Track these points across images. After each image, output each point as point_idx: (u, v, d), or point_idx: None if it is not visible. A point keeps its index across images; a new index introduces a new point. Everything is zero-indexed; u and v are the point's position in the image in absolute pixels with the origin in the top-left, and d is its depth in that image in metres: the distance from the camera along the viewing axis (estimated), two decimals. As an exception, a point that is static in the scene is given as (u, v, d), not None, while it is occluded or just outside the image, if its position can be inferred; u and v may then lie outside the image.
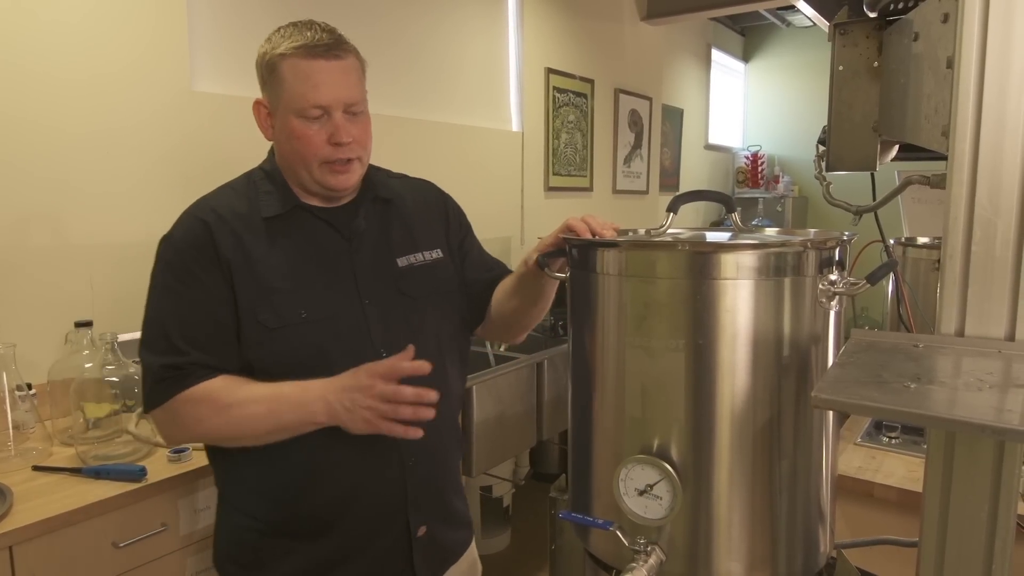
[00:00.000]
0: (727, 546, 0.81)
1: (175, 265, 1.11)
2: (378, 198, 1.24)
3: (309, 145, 1.10)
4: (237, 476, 1.17)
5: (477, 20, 3.25)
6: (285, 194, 1.16)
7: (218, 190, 1.19)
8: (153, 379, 1.08)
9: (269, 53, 1.11)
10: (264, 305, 1.09)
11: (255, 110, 1.17)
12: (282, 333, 1.08)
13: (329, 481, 1.12)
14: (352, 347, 1.11)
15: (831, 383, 0.66)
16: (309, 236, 1.16)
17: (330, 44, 1.10)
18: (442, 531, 1.25)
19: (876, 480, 1.54)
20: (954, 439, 0.69)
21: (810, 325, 0.81)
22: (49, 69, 1.79)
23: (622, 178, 4.42)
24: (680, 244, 0.85)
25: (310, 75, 1.09)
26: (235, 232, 1.11)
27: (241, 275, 1.09)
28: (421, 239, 1.26)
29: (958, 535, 0.71)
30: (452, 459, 1.30)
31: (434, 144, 2.98)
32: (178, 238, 1.12)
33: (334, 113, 1.10)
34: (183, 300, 1.09)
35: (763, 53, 6.17)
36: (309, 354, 1.09)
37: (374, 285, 1.17)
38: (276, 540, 1.14)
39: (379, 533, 1.16)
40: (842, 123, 1.03)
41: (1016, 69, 0.69)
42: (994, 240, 0.71)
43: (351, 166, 1.14)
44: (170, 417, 1.09)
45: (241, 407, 1.06)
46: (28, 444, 1.58)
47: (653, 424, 0.81)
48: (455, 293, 1.28)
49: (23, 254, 1.77)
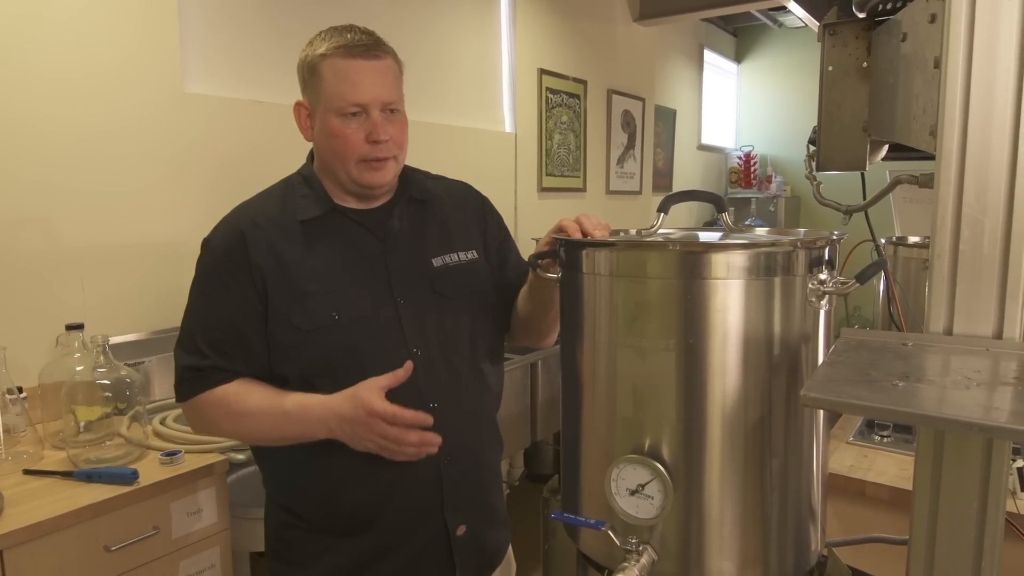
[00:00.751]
0: (718, 545, 0.81)
1: (209, 271, 1.15)
2: (413, 199, 1.26)
3: (347, 143, 1.13)
4: (279, 475, 1.21)
5: (470, 21, 3.25)
6: (321, 197, 1.18)
7: (257, 196, 1.22)
8: (179, 377, 1.15)
9: (310, 55, 1.14)
10: (298, 309, 1.11)
11: (296, 111, 1.19)
12: (315, 336, 1.11)
13: (365, 481, 1.14)
14: (386, 347, 1.13)
15: (820, 382, 0.66)
16: (344, 238, 1.18)
17: (369, 45, 1.13)
18: (484, 531, 1.25)
19: (868, 479, 1.55)
20: (943, 437, 0.70)
21: (800, 324, 0.81)
22: (38, 69, 1.78)
23: (615, 179, 4.43)
24: (670, 244, 0.85)
25: (349, 74, 1.11)
26: (270, 239, 1.14)
27: (274, 280, 1.12)
28: (457, 239, 1.27)
29: (948, 533, 0.72)
30: (492, 458, 1.31)
31: (427, 145, 2.98)
32: (215, 245, 1.16)
33: (372, 111, 1.12)
34: (209, 304, 1.14)
35: (755, 54, 6.19)
36: (342, 356, 1.11)
37: (408, 285, 1.18)
38: (317, 536, 1.17)
39: (415, 531, 1.17)
40: (832, 123, 1.03)
41: (1002, 69, 0.69)
42: (981, 239, 0.72)
43: (387, 164, 1.16)
44: (193, 413, 1.16)
45: (249, 417, 1.11)
46: (19, 448, 1.57)
47: (644, 424, 0.82)
48: (489, 294, 1.28)
49: (13, 256, 1.77)
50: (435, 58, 3.05)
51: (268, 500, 1.25)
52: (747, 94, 6.28)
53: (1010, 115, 0.70)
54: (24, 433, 1.60)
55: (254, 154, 1.21)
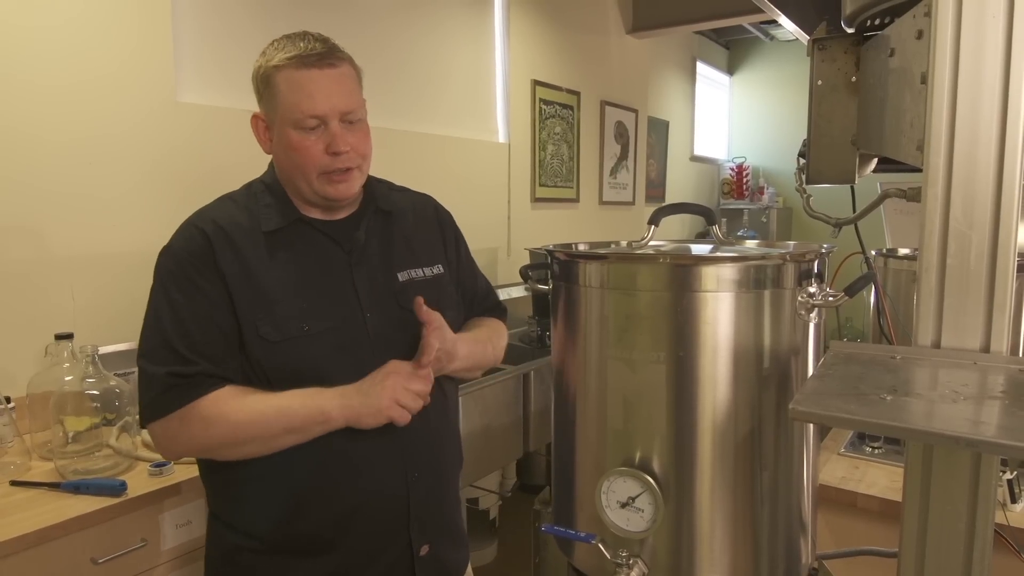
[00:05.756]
0: (709, 558, 0.81)
1: (176, 275, 1.09)
2: (379, 210, 1.24)
3: (307, 156, 1.10)
4: (234, 494, 1.14)
5: (464, 32, 3.26)
6: (285, 207, 1.15)
7: (218, 201, 1.18)
8: (159, 388, 1.05)
9: (264, 66, 1.11)
10: (265, 319, 1.08)
11: (253, 124, 1.16)
12: (284, 347, 1.08)
13: (332, 498, 1.11)
14: (354, 361, 1.11)
15: (809, 395, 0.66)
16: (310, 249, 1.15)
17: (323, 53, 1.09)
18: (445, 550, 1.23)
19: (859, 490, 1.55)
20: (932, 451, 0.70)
21: (790, 337, 0.82)
22: (30, 75, 1.77)
23: (608, 189, 4.44)
24: (661, 257, 0.85)
25: (304, 85, 1.08)
26: (235, 245, 1.10)
27: (240, 289, 1.08)
28: (422, 254, 1.26)
29: (937, 545, 0.72)
30: (453, 475, 1.29)
31: (421, 155, 2.99)
32: (178, 248, 1.11)
33: (330, 122, 1.09)
34: (186, 310, 1.08)
35: (747, 66, 6.23)
36: (310, 367, 1.09)
37: (375, 298, 1.16)
38: (274, 558, 1.12)
39: (381, 551, 1.14)
40: (821, 137, 1.04)
41: (988, 85, 0.70)
42: (968, 253, 0.72)
43: (350, 175, 1.13)
44: (175, 427, 1.06)
45: (250, 410, 1.05)
46: (6, 458, 1.56)
47: (635, 436, 0.82)
48: (454, 310, 1.27)
49: (2, 264, 1.75)
50: (429, 68, 3.06)
51: (213, 522, 1.18)
52: (739, 106, 6.32)
53: (995, 130, 0.71)
54: (11, 444, 1.59)
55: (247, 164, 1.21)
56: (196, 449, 1.11)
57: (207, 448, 1.10)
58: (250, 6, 2.30)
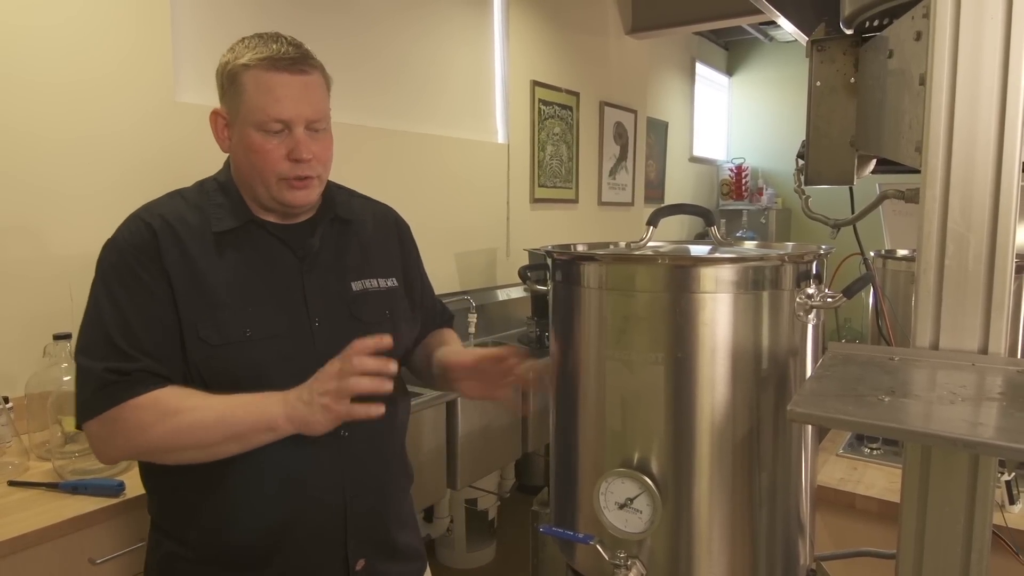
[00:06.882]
0: (707, 559, 0.81)
1: (119, 267, 1.05)
2: (337, 218, 1.21)
3: (267, 160, 1.07)
4: (172, 501, 1.11)
5: (463, 32, 3.27)
6: (238, 208, 1.12)
7: (167, 197, 1.14)
8: (96, 384, 1.01)
9: (231, 63, 1.08)
10: (207, 321, 1.04)
11: (212, 120, 1.13)
12: (224, 351, 1.04)
13: (267, 509, 1.07)
14: (297, 369, 1.05)
15: (807, 396, 0.66)
16: (260, 252, 1.12)
17: (295, 58, 1.07)
18: (384, 566, 1.19)
19: (858, 491, 1.55)
20: (930, 452, 0.70)
21: (788, 338, 0.82)
22: (29, 75, 1.77)
23: (607, 190, 4.44)
24: (659, 258, 0.85)
25: (272, 88, 1.05)
26: (181, 242, 1.06)
27: (183, 288, 1.05)
28: (377, 265, 1.23)
29: (935, 547, 0.72)
30: (399, 491, 1.24)
31: (420, 156, 2.99)
32: (122, 240, 1.07)
33: (295, 129, 1.07)
34: (128, 304, 1.03)
35: (747, 67, 6.24)
36: (251, 373, 1.05)
37: (325, 306, 1.13)
38: (205, 569, 1.09)
39: (317, 566, 1.11)
40: (820, 138, 1.04)
41: (986, 86, 0.70)
42: (967, 254, 0.72)
43: (309, 183, 1.10)
44: (110, 427, 1.01)
45: (190, 412, 1.00)
46: (4, 458, 1.56)
47: (633, 437, 0.82)
48: (407, 323, 1.25)
49: (0, 264, 1.75)
50: (428, 69, 3.06)
51: (152, 529, 1.16)
52: (738, 107, 6.32)
53: (994, 132, 0.71)
54: (9, 444, 1.59)
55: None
56: (132, 452, 1.06)
57: (143, 451, 1.04)
58: (249, 6, 2.30)
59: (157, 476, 1.11)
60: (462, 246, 3.24)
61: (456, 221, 3.20)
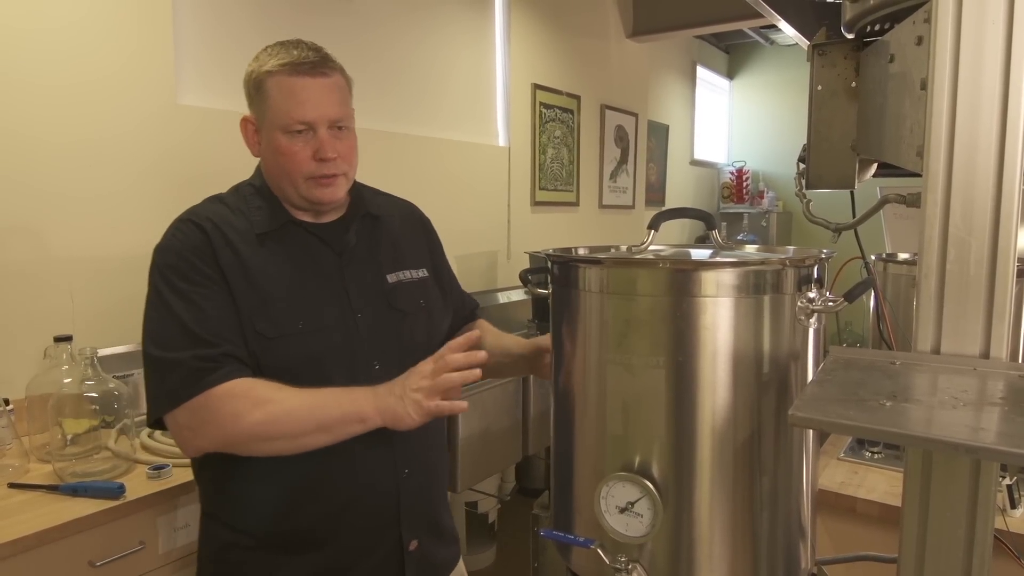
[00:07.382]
0: (708, 563, 0.81)
1: (179, 267, 1.08)
2: (368, 214, 1.27)
3: (294, 160, 1.12)
4: (229, 490, 1.15)
5: (464, 35, 3.27)
6: (276, 210, 1.18)
7: (209, 201, 1.19)
8: (184, 372, 1.02)
9: (256, 71, 1.14)
10: (262, 315, 1.09)
11: (242, 127, 1.19)
12: (280, 343, 1.09)
13: (324, 494, 1.12)
14: (347, 359, 1.13)
15: (809, 401, 0.66)
16: (302, 250, 1.18)
17: (316, 62, 1.12)
18: (433, 546, 1.25)
19: (859, 495, 1.55)
20: (931, 457, 0.70)
21: (789, 342, 0.82)
22: (31, 77, 1.78)
23: (608, 193, 4.45)
24: (660, 262, 0.85)
25: (295, 92, 1.11)
26: (231, 243, 1.12)
27: (239, 286, 1.09)
28: (408, 257, 1.29)
29: (937, 551, 0.72)
30: (442, 472, 1.31)
31: (421, 158, 2.99)
32: (177, 243, 1.11)
33: (319, 129, 1.12)
34: (198, 297, 1.06)
35: (747, 70, 6.24)
36: (305, 364, 1.10)
37: (365, 299, 1.19)
38: (264, 555, 1.13)
39: (372, 548, 1.16)
40: (821, 142, 1.04)
41: (987, 91, 0.70)
42: (968, 259, 0.72)
43: (336, 180, 1.16)
44: (201, 415, 1.02)
45: (281, 402, 1.02)
46: (4, 461, 1.56)
47: (634, 441, 0.81)
48: (440, 312, 1.31)
49: (1, 266, 1.75)
50: (429, 72, 3.06)
51: (205, 521, 1.19)
52: (739, 110, 6.33)
53: (995, 136, 0.71)
54: (10, 446, 1.59)
55: (246, 166, 1.21)
56: (222, 441, 1.05)
57: (233, 441, 1.04)
58: (251, 10, 2.30)
59: (214, 467, 1.13)
60: (463, 249, 3.25)
61: (457, 224, 3.20)
